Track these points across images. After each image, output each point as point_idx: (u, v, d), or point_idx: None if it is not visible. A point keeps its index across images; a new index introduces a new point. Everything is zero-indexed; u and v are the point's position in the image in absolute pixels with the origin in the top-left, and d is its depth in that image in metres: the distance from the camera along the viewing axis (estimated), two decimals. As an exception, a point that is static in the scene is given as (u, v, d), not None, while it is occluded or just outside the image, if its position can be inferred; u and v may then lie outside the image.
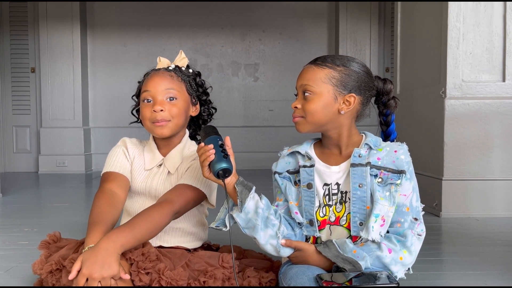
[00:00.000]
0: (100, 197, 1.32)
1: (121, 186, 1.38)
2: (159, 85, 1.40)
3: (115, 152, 1.46)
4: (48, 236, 1.37)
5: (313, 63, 1.27)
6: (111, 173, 1.40)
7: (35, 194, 3.79)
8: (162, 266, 1.18)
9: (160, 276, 1.16)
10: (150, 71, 1.47)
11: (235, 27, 5.47)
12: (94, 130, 5.41)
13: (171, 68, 1.46)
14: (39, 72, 5.20)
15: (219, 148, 1.21)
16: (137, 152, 1.47)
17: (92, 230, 1.19)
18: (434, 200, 2.71)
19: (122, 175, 1.41)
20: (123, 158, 1.44)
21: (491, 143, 2.65)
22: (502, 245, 2.05)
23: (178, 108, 1.41)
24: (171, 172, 1.44)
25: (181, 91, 1.43)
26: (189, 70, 1.49)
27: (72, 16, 5.10)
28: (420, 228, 1.23)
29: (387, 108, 1.33)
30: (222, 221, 1.26)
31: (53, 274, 1.20)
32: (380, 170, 1.22)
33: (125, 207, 1.48)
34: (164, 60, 1.48)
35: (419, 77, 3.08)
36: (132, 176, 1.45)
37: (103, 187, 1.36)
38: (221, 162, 1.18)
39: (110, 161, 1.44)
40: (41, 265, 1.24)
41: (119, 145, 1.49)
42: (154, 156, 1.46)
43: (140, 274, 1.16)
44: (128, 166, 1.44)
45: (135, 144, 1.49)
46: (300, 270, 1.19)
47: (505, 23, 2.66)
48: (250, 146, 5.48)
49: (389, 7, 5.33)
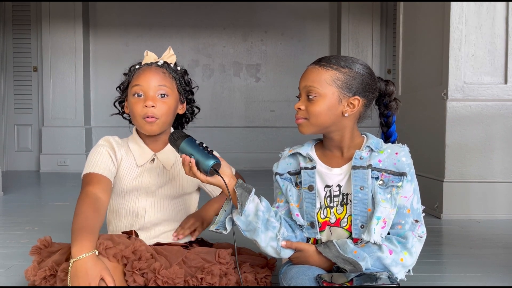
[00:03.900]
0: (85, 202, 1.25)
1: (104, 190, 1.31)
2: (152, 80, 1.38)
3: (98, 152, 1.38)
4: (39, 241, 1.32)
5: (317, 63, 1.25)
6: (94, 175, 1.33)
7: (36, 193, 3.79)
8: (158, 265, 1.17)
9: (156, 276, 1.15)
10: (138, 64, 1.45)
11: (237, 28, 5.47)
12: (95, 129, 5.41)
13: (160, 63, 1.43)
14: (41, 71, 5.20)
15: (198, 147, 1.21)
16: (123, 151, 1.42)
17: (78, 237, 1.13)
18: (435, 201, 2.70)
19: (105, 177, 1.34)
20: (108, 158, 1.38)
21: (493, 145, 2.65)
22: (503, 248, 2.05)
23: (168, 106, 1.39)
24: (167, 168, 1.43)
25: (172, 88, 1.42)
26: (178, 68, 1.47)
27: (74, 15, 5.10)
28: (421, 230, 1.23)
29: (388, 109, 1.33)
30: (221, 224, 1.25)
31: (47, 280, 1.18)
32: (381, 173, 1.22)
33: (114, 207, 1.43)
34: (152, 54, 1.46)
35: (420, 79, 3.08)
36: (121, 175, 1.40)
37: (87, 190, 1.28)
38: (208, 160, 1.19)
39: (93, 161, 1.36)
40: (34, 271, 1.21)
41: (102, 144, 1.41)
42: (143, 151, 1.43)
43: (135, 274, 1.15)
44: (113, 167, 1.38)
45: (120, 144, 1.43)
46: (300, 270, 1.19)
47: (507, 25, 2.66)
48: (251, 146, 5.48)
49: (391, 8, 5.33)
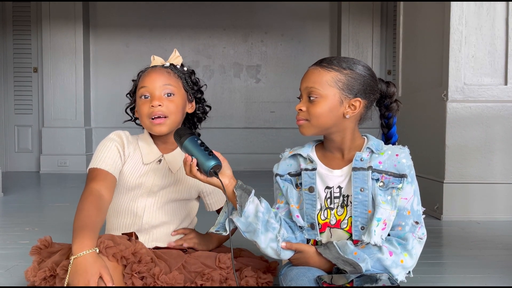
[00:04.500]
0: (88, 200, 1.24)
1: (108, 188, 1.31)
2: (157, 81, 1.38)
3: (107, 147, 1.37)
4: (39, 241, 1.32)
5: (318, 64, 1.24)
6: (101, 171, 1.32)
7: (36, 194, 3.79)
8: (157, 270, 1.16)
9: (155, 281, 1.15)
10: (145, 69, 1.46)
11: (237, 29, 5.48)
12: (95, 130, 5.42)
13: (167, 65, 1.45)
14: (41, 72, 5.20)
15: (200, 148, 1.20)
16: (132, 148, 1.41)
17: (79, 235, 1.12)
18: (435, 203, 2.70)
19: (111, 174, 1.33)
20: (116, 154, 1.36)
21: (493, 147, 2.65)
22: (503, 249, 2.05)
23: (176, 104, 1.39)
24: (173, 171, 1.42)
25: (178, 87, 1.42)
26: (184, 68, 1.48)
27: (74, 16, 5.11)
28: (421, 231, 1.23)
29: (389, 111, 1.32)
30: (222, 225, 1.25)
31: (47, 281, 1.18)
32: (381, 174, 1.22)
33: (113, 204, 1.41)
34: (158, 58, 1.47)
35: (421, 80, 3.08)
36: (126, 172, 1.39)
37: (91, 187, 1.27)
38: (208, 161, 1.18)
39: (101, 156, 1.35)
40: (34, 272, 1.21)
41: (112, 139, 1.40)
42: (151, 151, 1.42)
43: (134, 277, 1.14)
44: (119, 164, 1.37)
45: (130, 141, 1.43)
46: (300, 271, 1.18)
47: (507, 27, 2.66)
48: (251, 147, 5.48)
49: (391, 9, 5.33)
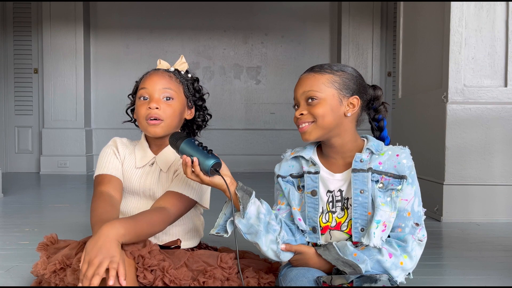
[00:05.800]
0: (100, 199, 1.30)
1: (116, 189, 1.37)
2: (157, 83, 1.39)
3: (106, 153, 1.44)
4: (46, 238, 1.36)
5: (310, 71, 1.27)
6: (105, 176, 1.39)
7: (36, 195, 3.79)
8: (167, 264, 1.18)
9: (164, 274, 1.16)
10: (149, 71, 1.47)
11: (238, 30, 5.48)
12: (95, 131, 5.42)
13: (171, 70, 1.46)
14: (41, 73, 5.21)
15: (197, 147, 1.20)
16: (127, 151, 1.45)
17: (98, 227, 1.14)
18: (435, 204, 2.70)
19: (115, 177, 1.39)
20: (114, 158, 1.43)
21: (493, 148, 2.66)
22: (502, 250, 2.05)
23: (173, 108, 1.40)
24: (163, 170, 1.42)
25: (178, 92, 1.42)
26: (188, 75, 1.49)
27: (75, 17, 5.11)
28: (421, 233, 1.23)
29: (378, 113, 1.34)
30: (222, 227, 1.25)
31: (56, 273, 1.20)
32: (381, 175, 1.22)
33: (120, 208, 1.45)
34: (164, 63, 1.49)
35: (421, 82, 3.08)
36: (125, 176, 1.43)
37: (100, 190, 1.34)
38: (208, 159, 1.18)
39: (102, 162, 1.42)
40: (44, 265, 1.24)
41: (109, 145, 1.47)
42: (145, 155, 1.44)
43: (145, 271, 1.16)
44: (120, 166, 1.43)
45: (125, 144, 1.48)
46: (300, 272, 1.19)
47: (507, 29, 2.67)
48: (251, 148, 5.48)
49: (391, 11, 5.34)
